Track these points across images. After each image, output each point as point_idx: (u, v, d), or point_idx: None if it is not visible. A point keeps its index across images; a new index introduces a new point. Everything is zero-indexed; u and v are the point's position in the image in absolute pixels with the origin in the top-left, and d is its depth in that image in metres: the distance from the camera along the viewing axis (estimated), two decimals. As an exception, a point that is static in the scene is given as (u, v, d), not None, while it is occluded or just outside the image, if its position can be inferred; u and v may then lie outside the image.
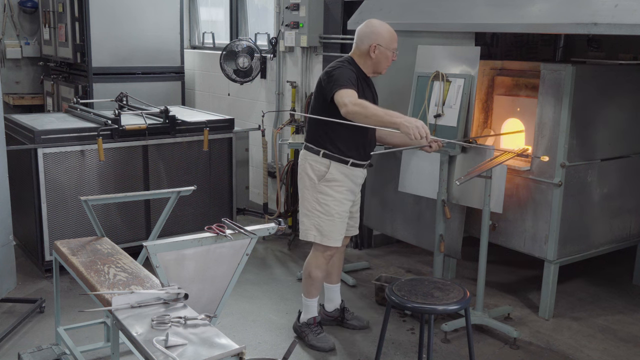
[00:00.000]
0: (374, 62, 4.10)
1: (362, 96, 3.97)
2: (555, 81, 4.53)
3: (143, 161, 5.60)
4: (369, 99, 4.02)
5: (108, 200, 4.46)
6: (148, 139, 5.58)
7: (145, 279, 3.38)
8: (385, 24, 4.13)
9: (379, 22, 4.13)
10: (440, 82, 4.82)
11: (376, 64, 4.10)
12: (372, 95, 4.16)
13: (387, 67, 4.15)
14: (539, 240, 4.74)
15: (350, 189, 4.14)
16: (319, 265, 4.25)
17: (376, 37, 4.05)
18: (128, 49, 7.53)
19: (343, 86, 3.82)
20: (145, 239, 5.38)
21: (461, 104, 4.72)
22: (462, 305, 3.36)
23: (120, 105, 6.29)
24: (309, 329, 4.35)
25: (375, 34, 4.06)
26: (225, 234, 3.06)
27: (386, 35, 4.07)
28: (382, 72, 4.16)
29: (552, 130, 4.58)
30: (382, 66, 4.12)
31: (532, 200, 4.75)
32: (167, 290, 2.82)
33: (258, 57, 6.84)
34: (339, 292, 4.64)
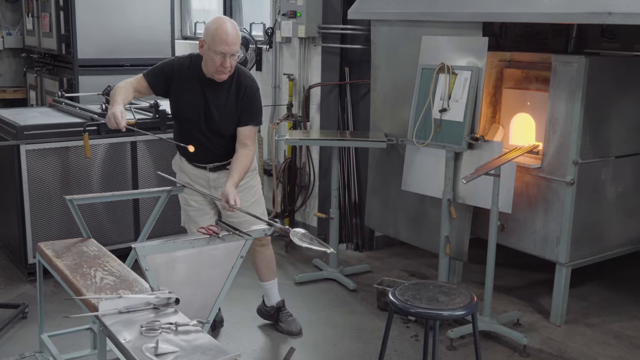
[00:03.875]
0: (204, 61, 4.05)
1: (179, 98, 4.13)
2: (567, 74, 4.53)
3: (132, 158, 5.59)
4: (192, 103, 4.10)
5: (95, 199, 4.46)
6: (137, 135, 5.57)
7: (134, 282, 3.38)
8: (225, 21, 3.95)
9: (220, 17, 4.00)
10: (445, 75, 4.82)
11: (204, 63, 4.05)
12: (202, 101, 4.09)
13: (216, 74, 3.99)
14: (550, 242, 4.74)
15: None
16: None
17: (205, 32, 4.00)
18: (116, 39, 7.52)
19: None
20: (134, 241, 5.38)
21: (468, 97, 4.71)
22: (469, 310, 3.36)
23: (108, 99, 6.27)
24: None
25: (205, 29, 4.00)
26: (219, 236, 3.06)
27: (210, 33, 3.93)
28: (214, 76, 4.01)
29: (564, 125, 4.58)
30: (208, 68, 4.01)
31: (543, 199, 4.75)
32: (157, 294, 2.82)
33: (253, 49, 6.84)
34: (272, 290, 4.71)
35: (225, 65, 3.94)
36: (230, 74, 4.03)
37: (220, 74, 3.99)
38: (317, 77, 6.35)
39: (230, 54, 3.92)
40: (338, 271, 5.59)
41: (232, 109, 4.12)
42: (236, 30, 3.96)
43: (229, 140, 4.19)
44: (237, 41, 3.95)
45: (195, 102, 4.11)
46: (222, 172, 4.25)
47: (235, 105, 4.11)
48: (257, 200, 4.43)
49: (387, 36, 5.46)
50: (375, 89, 5.65)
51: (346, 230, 6.27)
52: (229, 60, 3.94)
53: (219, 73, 3.99)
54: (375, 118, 5.67)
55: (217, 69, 3.96)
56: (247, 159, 4.10)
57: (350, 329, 4.76)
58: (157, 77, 4.15)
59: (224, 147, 4.21)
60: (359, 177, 6.18)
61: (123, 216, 5.62)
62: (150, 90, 4.19)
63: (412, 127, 4.99)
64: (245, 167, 4.07)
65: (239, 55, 4.03)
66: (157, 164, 5.69)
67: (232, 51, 3.92)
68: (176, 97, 4.18)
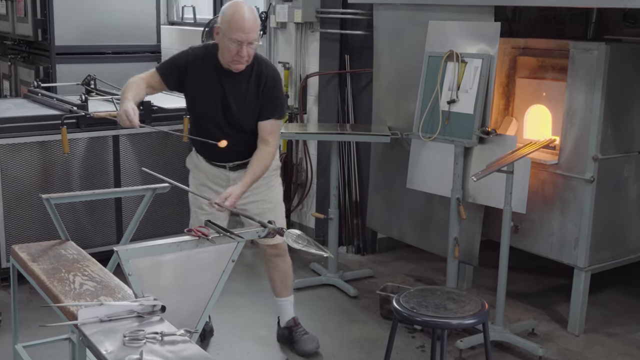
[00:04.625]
0: (220, 50, 4.04)
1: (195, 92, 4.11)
2: (586, 62, 4.53)
3: (114, 154, 5.59)
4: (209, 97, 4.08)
5: (73, 198, 4.46)
6: (119, 128, 5.57)
7: (116, 288, 3.37)
8: (242, 6, 3.92)
9: (236, 2, 3.96)
10: (454, 63, 4.82)
11: (220, 52, 4.03)
12: (220, 93, 4.09)
13: (232, 63, 3.98)
14: (567, 245, 4.74)
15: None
16: None
17: (220, 18, 3.98)
18: (97, 24, 7.51)
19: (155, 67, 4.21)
20: (117, 243, 5.37)
21: (478, 88, 4.72)
22: (479, 319, 3.36)
23: (88, 89, 6.28)
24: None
25: (221, 14, 3.99)
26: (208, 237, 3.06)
27: (226, 19, 3.92)
28: (230, 66, 3.99)
29: (583, 118, 4.58)
30: (224, 57, 4.00)
31: (560, 198, 4.75)
32: (141, 301, 2.81)
33: (246, 35, 6.83)
34: (286, 307, 4.63)
35: (241, 55, 3.90)
36: (247, 63, 3.99)
37: (237, 63, 3.95)
38: (314, 65, 6.35)
39: (247, 42, 3.88)
40: (338, 276, 5.59)
41: (252, 101, 4.09)
42: (254, 15, 3.93)
43: (250, 135, 4.14)
44: (255, 28, 3.91)
45: (213, 95, 4.08)
46: (243, 172, 4.18)
47: (255, 97, 4.08)
48: (278, 203, 4.41)
49: (391, 21, 5.46)
50: (378, 78, 5.65)
51: (346, 232, 6.27)
52: (245, 49, 3.89)
53: (235, 63, 3.95)
54: (378, 110, 5.66)
55: (233, 59, 3.93)
56: (268, 156, 4.09)
57: (351, 339, 4.76)
58: (170, 70, 4.14)
59: (245, 144, 4.17)
60: (360, 174, 6.18)
61: (104, 217, 5.61)
62: (163, 85, 4.19)
63: (418, 120, 4.99)
64: (264, 166, 4.07)
65: (257, 44, 3.98)
66: (142, 159, 5.68)
67: (250, 39, 3.88)
68: (192, 91, 4.15)
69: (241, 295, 5.33)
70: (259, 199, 4.28)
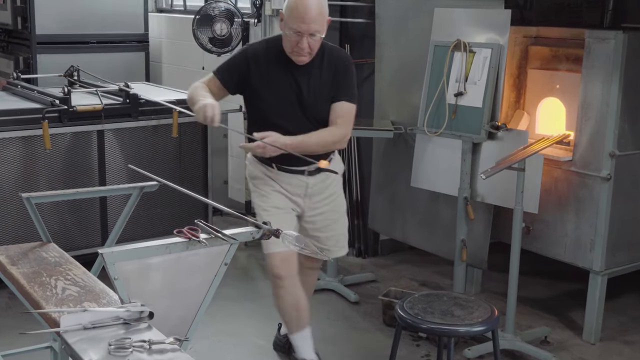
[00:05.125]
0: (282, 38, 3.93)
1: (264, 92, 3.95)
2: (603, 52, 4.53)
3: (98, 150, 5.59)
4: (282, 92, 3.93)
5: (55, 197, 4.44)
6: (104, 122, 5.57)
7: (100, 294, 3.37)
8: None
9: None
10: (462, 53, 4.82)
11: (283, 41, 3.93)
12: (294, 85, 3.94)
13: (293, 55, 3.86)
14: (582, 247, 4.74)
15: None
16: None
17: (285, 3, 3.87)
18: (80, 12, 7.50)
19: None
20: (101, 245, 5.37)
21: (488, 79, 4.71)
22: (488, 326, 3.36)
23: (71, 81, 6.27)
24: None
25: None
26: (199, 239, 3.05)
27: (289, 5, 3.81)
28: (292, 57, 3.87)
29: (599, 111, 4.58)
30: (285, 47, 3.89)
31: (574, 197, 4.75)
32: (127, 307, 2.81)
33: (239, 23, 6.83)
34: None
35: (301, 47, 3.78)
36: (311, 57, 3.86)
37: (297, 55, 3.83)
38: (313, 55, 6.34)
39: (308, 33, 3.74)
40: (337, 280, 5.58)
41: (327, 88, 3.95)
42: (319, 4, 3.78)
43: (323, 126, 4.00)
44: (320, 19, 3.77)
45: (285, 89, 3.93)
46: (321, 177, 4.07)
47: (330, 82, 3.95)
48: (344, 214, 4.32)
49: (394, 8, 5.46)
50: (380, 69, 5.65)
51: (347, 233, 6.28)
52: (306, 41, 3.77)
53: (295, 54, 3.83)
54: (380, 103, 5.66)
55: (293, 50, 3.81)
56: (330, 134, 3.91)
57: (352, 348, 4.77)
58: (229, 73, 4.02)
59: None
60: (361, 171, 6.17)
61: (88, 217, 5.62)
62: (224, 90, 4.05)
63: (423, 113, 4.99)
64: (322, 139, 3.88)
65: (320, 36, 3.80)
66: (128, 156, 5.68)
67: (311, 30, 3.74)
68: (258, 90, 3.98)
69: (234, 301, 5.33)
70: (327, 210, 4.18)
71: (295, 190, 4.09)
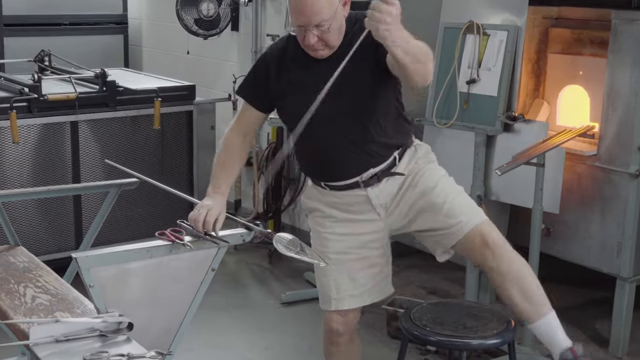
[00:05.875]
0: None
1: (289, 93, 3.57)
2: (631, 34, 4.53)
3: (72, 143, 5.58)
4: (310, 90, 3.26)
5: (24, 195, 4.45)
6: (79, 113, 5.56)
7: (74, 302, 3.37)
8: None
9: None
10: (475, 36, 4.82)
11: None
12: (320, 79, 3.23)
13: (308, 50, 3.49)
14: (608, 251, 4.74)
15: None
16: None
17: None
18: (51, -9, 7.51)
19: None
20: (75, 249, 5.37)
21: (503, 65, 4.71)
22: (504, 338, 3.36)
23: (41, 67, 6.27)
24: None
25: None
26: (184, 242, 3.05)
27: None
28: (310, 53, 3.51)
29: (627, 101, 4.58)
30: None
31: (599, 196, 4.75)
32: (104, 318, 2.81)
33: (227, 2, 6.82)
34: (554, 330, 3.72)
35: (308, 42, 3.41)
36: (331, 49, 3.45)
37: (313, 51, 3.47)
38: (310, 39, 6.34)
39: (310, 25, 3.37)
40: (336, 288, 5.58)
41: (367, 63, 3.43)
42: None
43: (380, 122, 3.54)
44: (320, 9, 3.35)
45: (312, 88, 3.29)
46: (386, 183, 3.62)
47: (369, 52, 3.37)
48: (439, 182, 3.73)
49: (399, -14, 5.46)
50: (384, 54, 5.64)
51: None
52: (312, 35, 3.38)
53: (310, 50, 3.48)
54: (384, 92, 5.66)
55: (305, 46, 3.46)
56: (429, 53, 3.33)
57: (353, 362, 4.77)
58: (253, 87, 3.67)
59: (376, 137, 3.55)
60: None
61: (61, 217, 5.61)
62: (259, 112, 3.69)
63: (432, 103, 4.99)
64: (420, 46, 3.27)
65: (328, 27, 3.38)
66: (105, 150, 5.68)
67: (313, 22, 3.36)
68: (284, 95, 3.61)
69: (223, 310, 5.33)
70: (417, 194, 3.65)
71: (354, 208, 3.68)
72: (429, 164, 3.74)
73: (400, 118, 3.64)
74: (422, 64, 3.23)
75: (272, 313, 5.33)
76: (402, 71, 3.23)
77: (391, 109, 3.58)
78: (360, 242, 3.67)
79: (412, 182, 3.64)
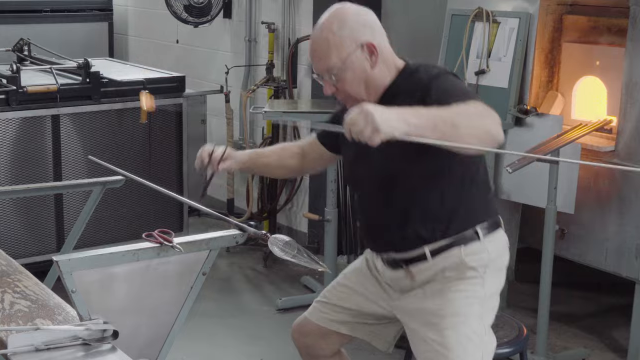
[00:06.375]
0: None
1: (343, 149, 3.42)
2: (651, 22, 4.53)
3: (53, 138, 5.58)
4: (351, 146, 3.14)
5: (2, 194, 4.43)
6: (60, 106, 5.56)
7: (55, 309, 3.37)
8: (318, 23, 3.27)
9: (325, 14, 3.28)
10: (484, 24, 4.82)
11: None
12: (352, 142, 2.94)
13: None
14: (627, 253, 4.74)
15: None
16: None
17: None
18: (30, -25, 7.51)
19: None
20: (57, 252, 5.37)
21: (514, 55, 4.71)
22: (516, 347, 3.37)
23: (20, 57, 6.27)
24: None
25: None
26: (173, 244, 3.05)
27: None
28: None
29: (647, 93, 4.58)
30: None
31: (617, 195, 4.75)
32: (87, 325, 2.81)
33: (220, -12, 6.83)
34: None
35: (326, 91, 3.26)
36: (355, 102, 3.10)
37: (344, 101, 3.31)
38: (307, 26, 6.34)
39: (320, 72, 3.24)
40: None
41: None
42: (325, 36, 3.19)
43: (414, 196, 3.19)
44: (326, 54, 3.18)
45: (350, 143, 3.10)
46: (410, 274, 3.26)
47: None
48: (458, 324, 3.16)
49: (403, -30, 5.46)
50: (387, 43, 5.64)
51: (347, 238, 6.27)
52: (327, 84, 3.22)
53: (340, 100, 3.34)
54: (387, 83, 5.66)
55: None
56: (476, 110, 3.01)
57: (354, 373, 4.77)
58: (327, 133, 3.49)
59: (405, 216, 3.22)
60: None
61: (41, 218, 5.62)
62: (321, 148, 3.55)
63: (439, 95, 4.99)
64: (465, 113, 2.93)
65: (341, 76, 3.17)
66: (88, 145, 5.68)
67: (322, 67, 3.22)
68: (342, 151, 3.50)
69: (214, 317, 5.33)
70: (429, 307, 3.23)
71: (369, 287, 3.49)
72: (461, 281, 3.21)
73: (455, 194, 3.18)
74: (466, 127, 2.86)
75: (267, 321, 5.33)
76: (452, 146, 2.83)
77: (435, 180, 3.17)
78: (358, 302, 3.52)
79: (424, 292, 3.26)
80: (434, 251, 3.18)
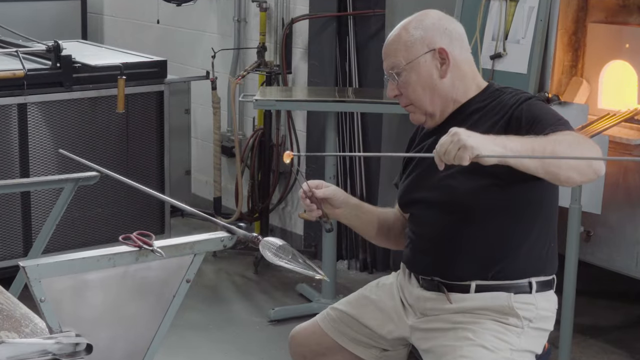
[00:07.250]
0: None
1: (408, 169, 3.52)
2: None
3: (19, 130, 5.59)
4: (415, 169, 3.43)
5: (-38, 193, 4.45)
6: (27, 93, 5.56)
7: (22, 320, 3.37)
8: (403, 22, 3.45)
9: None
10: (500, 2, 4.82)
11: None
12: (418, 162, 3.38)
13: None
14: (659, 258, 4.76)
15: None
16: None
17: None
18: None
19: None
20: (24, 256, 5.38)
21: (534, 37, 4.72)
22: (536, 362, 3.37)
23: (-5, 44, 6.29)
24: None
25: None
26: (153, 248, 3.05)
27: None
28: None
29: (682, 79, 4.60)
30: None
31: (648, 193, 4.76)
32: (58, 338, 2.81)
33: (206, -38, 6.84)
34: None
35: (389, 93, 3.40)
36: (421, 113, 3.34)
37: (409, 112, 3.41)
38: (303, 5, 6.35)
39: (386, 70, 3.40)
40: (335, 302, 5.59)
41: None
42: (398, 33, 3.40)
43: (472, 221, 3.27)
44: (395, 50, 3.37)
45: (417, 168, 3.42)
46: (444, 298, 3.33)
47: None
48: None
49: (411, -58, 5.47)
50: (392, 23, 5.64)
51: (348, 241, 6.28)
52: (390, 84, 3.37)
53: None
54: (392, 68, 5.67)
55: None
56: (571, 137, 3.08)
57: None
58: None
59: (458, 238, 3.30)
60: (366, 158, 6.17)
61: (7, 219, 5.63)
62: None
63: (450, 82, 5.00)
64: (564, 140, 3.00)
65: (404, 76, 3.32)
66: (59, 138, 5.68)
67: (387, 64, 3.39)
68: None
69: (199, 329, 5.34)
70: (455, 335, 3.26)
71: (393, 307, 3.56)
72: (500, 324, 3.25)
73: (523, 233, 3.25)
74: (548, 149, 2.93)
75: (258, 333, 5.34)
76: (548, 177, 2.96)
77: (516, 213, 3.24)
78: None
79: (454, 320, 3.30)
80: (480, 288, 3.26)
